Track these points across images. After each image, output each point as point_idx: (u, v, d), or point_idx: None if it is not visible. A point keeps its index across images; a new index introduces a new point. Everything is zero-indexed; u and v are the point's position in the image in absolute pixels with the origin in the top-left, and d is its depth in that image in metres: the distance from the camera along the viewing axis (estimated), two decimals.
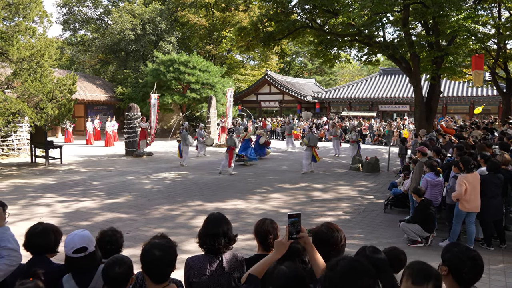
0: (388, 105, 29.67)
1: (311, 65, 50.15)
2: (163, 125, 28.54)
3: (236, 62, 38.11)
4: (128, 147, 16.88)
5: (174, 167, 14.03)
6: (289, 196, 9.47)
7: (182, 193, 9.69)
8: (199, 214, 7.65)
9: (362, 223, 7.33)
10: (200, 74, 25.17)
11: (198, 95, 25.15)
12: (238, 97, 34.72)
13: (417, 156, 7.88)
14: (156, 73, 24.80)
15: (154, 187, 10.34)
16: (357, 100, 30.27)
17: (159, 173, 12.51)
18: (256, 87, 34.95)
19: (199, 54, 30.16)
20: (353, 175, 12.70)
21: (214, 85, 26.00)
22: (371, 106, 30.20)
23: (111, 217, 7.48)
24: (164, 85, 25.37)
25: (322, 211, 8.11)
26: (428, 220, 6.19)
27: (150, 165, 14.48)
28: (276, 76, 35.62)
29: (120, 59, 30.49)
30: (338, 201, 9.02)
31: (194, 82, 25.02)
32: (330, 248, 2.28)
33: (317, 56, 15.56)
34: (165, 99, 24.28)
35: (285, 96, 34.09)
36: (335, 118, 28.29)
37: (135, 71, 29.45)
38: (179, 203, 8.59)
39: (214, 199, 9.00)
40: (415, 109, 13.85)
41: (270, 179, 11.74)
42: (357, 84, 32.05)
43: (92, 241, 2.41)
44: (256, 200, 9.05)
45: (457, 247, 2.09)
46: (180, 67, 24.65)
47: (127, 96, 26.63)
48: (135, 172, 12.72)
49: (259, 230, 2.71)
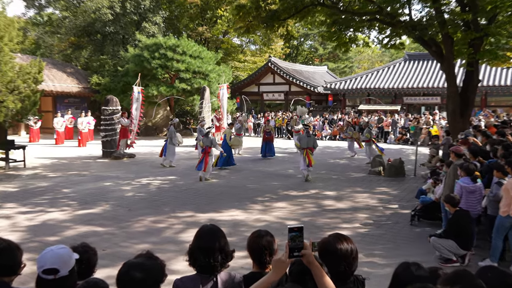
0: (415, 97, 29.64)
1: (323, 50, 50.20)
2: (148, 121, 28.56)
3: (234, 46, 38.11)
4: (106, 147, 16.88)
5: (160, 171, 14.00)
6: (296, 205, 9.44)
7: (169, 201, 9.67)
8: (190, 227, 7.63)
9: (383, 238, 7.29)
10: (191, 61, 25.19)
11: (188, 85, 25.16)
12: (236, 88, 34.73)
13: (450, 158, 7.84)
14: (139, 60, 24.81)
15: (136, 195, 10.32)
16: (377, 91, 30.25)
17: (143, 178, 12.50)
18: (257, 76, 34.97)
19: (190, 37, 30.19)
20: (372, 180, 12.67)
21: (207, 74, 26.01)
22: (395, 98, 30.18)
23: (85, 231, 7.45)
24: (149, 74, 25.37)
25: (336, 224, 8.08)
26: (464, 234, 6.15)
27: (131, 168, 14.48)
28: (281, 63, 35.62)
29: (95, 43, 30.51)
30: (355, 211, 8.99)
31: (184, 71, 25.03)
32: (338, 262, 2.26)
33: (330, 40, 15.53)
34: (149, 90, 24.29)
35: (291, 87, 34.09)
36: (351, 113, 28.28)
37: (113, 57, 29.47)
38: (166, 214, 8.57)
39: (208, 209, 8.98)
40: (447, 102, 13.80)
41: (274, 185, 11.72)
42: (378, 72, 32.02)
43: (67, 264, 2.34)
44: (257, 210, 9.03)
45: (492, 271, 2.04)
46: (167, 52, 24.66)
47: (104, 87, 26.66)
48: (114, 177, 12.71)
49: (253, 245, 2.70)
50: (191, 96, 26.23)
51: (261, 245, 2.65)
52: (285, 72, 33.59)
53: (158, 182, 12.08)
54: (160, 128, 28.51)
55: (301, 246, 2.13)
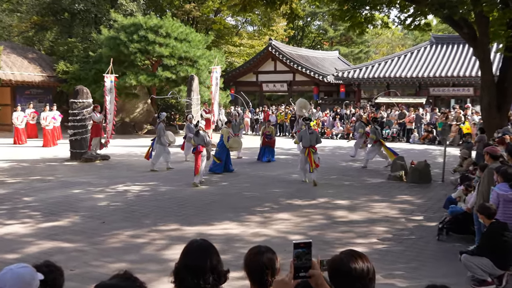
0: (443, 88, 29.72)
1: (333, 32, 50.24)
2: (125, 117, 28.55)
3: (228, 28, 38.11)
4: (75, 147, 16.87)
5: (140, 175, 13.99)
6: (301, 216, 9.45)
7: (151, 212, 9.66)
8: (175, 242, 7.63)
9: (406, 256, 7.30)
10: (177, 45, 25.17)
11: (173, 74, 25.15)
12: (230, 78, 34.74)
13: (485, 160, 7.86)
14: (114, 44, 24.78)
15: (111, 204, 10.31)
16: (398, 80, 30.30)
17: (119, 185, 12.48)
18: (255, 63, 34.98)
19: (175, 16, 30.18)
20: (393, 186, 12.68)
21: (196, 60, 25.99)
22: (419, 90, 30.23)
23: (49, 247, 7.44)
24: (126, 60, 25.33)
25: (349, 238, 8.09)
26: (501, 251, 6.17)
27: (105, 173, 14.44)
28: (284, 47, 35.63)
29: (62, 23, 30.47)
30: (372, 223, 9.00)
31: (168, 56, 25.01)
32: (352, 284, 2.27)
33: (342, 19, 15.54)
34: (127, 79, 24.28)
35: (296, 76, 34.10)
36: (367, 107, 28.34)
37: (84, 40, 29.44)
38: (147, 227, 8.57)
39: (196, 221, 8.97)
40: (481, 94, 13.84)
41: (275, 193, 11.71)
42: (399, 58, 32.07)
43: (29, 285, 2.34)
44: (255, 222, 9.03)
45: None
46: (148, 34, 24.63)
47: (73, 75, 26.63)
48: (85, 183, 12.69)
49: (251, 263, 2.70)
50: (176, 86, 26.20)
51: (261, 263, 2.65)
52: (288, 58, 33.61)
53: (137, 189, 12.05)
54: (140, 125, 28.50)
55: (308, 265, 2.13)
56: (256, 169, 15.38)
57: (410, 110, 26.15)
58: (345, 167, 16.07)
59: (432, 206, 10.48)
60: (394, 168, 13.90)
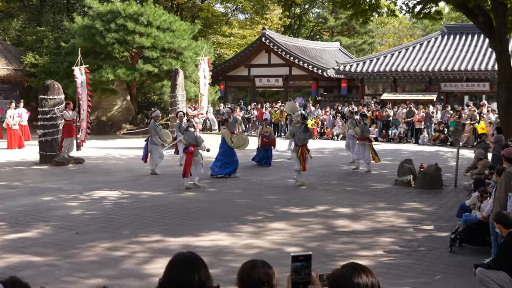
0: (456, 83, 29.87)
1: (334, 21, 50.46)
2: (101, 115, 28.45)
3: (216, 16, 38.12)
4: (45, 149, 16.80)
5: (118, 181, 13.95)
6: (298, 226, 9.46)
7: (130, 222, 9.64)
8: (158, 255, 7.62)
9: (414, 269, 7.32)
10: (159, 35, 25.16)
11: (156, 67, 25.13)
12: (219, 72, 34.73)
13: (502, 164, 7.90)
14: (89, 33, 24.72)
15: (86, 213, 10.27)
16: (406, 75, 30.43)
17: (95, 191, 12.44)
18: (247, 55, 35.01)
19: (158, 3, 30.14)
20: (400, 193, 12.73)
21: (181, 51, 25.98)
22: (429, 85, 30.37)
23: (16, 261, 7.40)
24: (102, 51, 25.28)
25: (351, 250, 8.11)
26: None
27: (79, 178, 14.40)
28: (279, 38, 35.70)
29: (30, 9, 30.34)
30: (377, 234, 9.03)
31: (149, 48, 24.99)
32: None
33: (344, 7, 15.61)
34: (103, 73, 24.22)
35: (293, 69, 34.18)
36: (371, 105, 28.43)
37: (55, 29, 29.32)
38: (126, 238, 8.55)
39: (182, 232, 8.96)
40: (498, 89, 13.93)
41: (269, 200, 11.73)
42: (407, 50, 32.22)
43: None
44: (247, 232, 9.03)
45: None
46: (127, 23, 24.61)
47: (43, 68, 26.54)
48: (56, 189, 12.64)
49: (245, 279, 2.69)
50: (159, 81, 26.20)
51: (257, 279, 2.65)
52: (284, 49, 33.68)
53: (115, 196, 12.00)
54: (118, 124, 28.44)
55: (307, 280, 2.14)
56: (248, 173, 15.38)
57: (419, 108, 26.25)
58: (346, 172, 16.11)
59: (444, 214, 10.52)
60: (402, 173, 13.95)
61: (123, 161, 18.15)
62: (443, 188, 13.29)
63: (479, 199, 9.11)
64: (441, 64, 29.66)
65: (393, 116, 26.46)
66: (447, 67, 29.31)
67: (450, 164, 16.99)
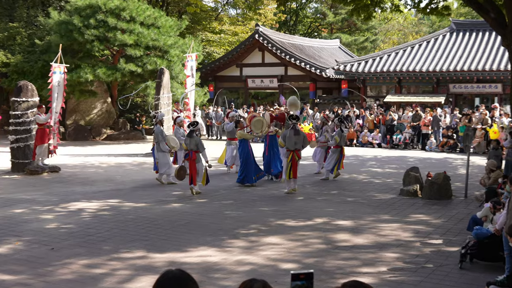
0: (466, 84, 29.97)
1: (333, 17, 50.71)
2: (79, 119, 28.39)
3: (205, 11, 38.19)
4: (17, 157, 16.74)
5: (97, 191, 13.91)
6: (295, 240, 9.45)
7: (111, 236, 9.60)
8: (141, 273, 7.59)
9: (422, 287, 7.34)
10: (143, 32, 25.16)
11: (139, 67, 25.12)
12: (209, 72, 34.77)
13: None
14: (66, 29, 24.68)
15: (62, 227, 10.22)
16: (412, 75, 30.54)
17: (72, 203, 12.38)
18: (239, 54, 35.05)
19: None
20: (405, 204, 12.75)
21: (166, 50, 25.99)
22: (437, 86, 30.49)
23: None
24: (81, 49, 25.24)
25: (353, 267, 8.11)
26: None
27: (55, 188, 14.34)
28: (274, 35, 35.77)
29: (2, 4, 30.21)
30: (380, 249, 9.03)
31: (132, 45, 24.98)
32: None
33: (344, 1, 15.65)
34: (82, 74, 24.17)
35: (288, 69, 34.25)
36: (374, 108, 28.49)
37: (28, 25, 29.24)
38: (106, 255, 8.51)
39: (167, 247, 8.94)
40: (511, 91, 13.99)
41: (263, 212, 11.71)
42: (412, 48, 32.36)
43: None
44: (239, 247, 9.02)
45: None
46: (108, 19, 24.59)
47: (15, 68, 26.45)
48: (29, 200, 12.58)
49: None
50: (143, 82, 26.16)
51: None
52: (279, 48, 33.75)
53: (94, 207, 11.95)
54: (98, 129, 28.39)
55: None
56: None
57: (426, 111, 26.32)
58: (347, 181, 16.13)
59: (453, 227, 10.53)
60: (407, 182, 13.96)
61: (103, 169, 18.10)
62: (453, 199, 13.30)
63: (491, 210, 9.12)
64: (450, 64, 29.78)
65: (398, 120, 26.53)
66: (456, 67, 29.41)
67: (460, 172, 17.04)
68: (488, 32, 30.31)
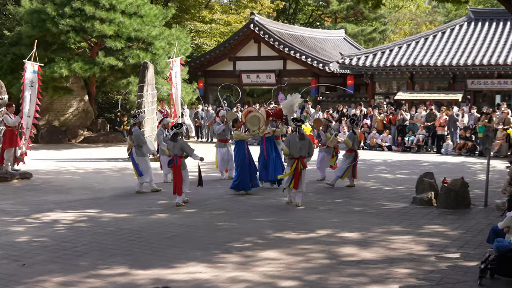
0: (486, 80, 30.02)
1: (338, 5, 50.79)
2: (53, 120, 28.35)
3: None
4: None
5: (73, 200, 13.88)
6: (295, 255, 9.44)
7: (89, 250, 9.58)
8: None
9: None
10: (124, 21, 25.14)
11: (120, 60, 25.10)
12: (198, 66, 34.76)
13: None
14: (39, 19, 24.66)
15: (34, 240, 10.20)
16: (425, 70, 30.58)
17: (45, 213, 12.37)
18: (232, 46, 35.06)
19: None
20: (419, 213, 12.75)
21: (151, 41, 25.98)
22: (453, 82, 30.55)
23: None
24: (55, 41, 25.20)
25: (360, 284, 8.10)
26: None
27: (26, 197, 14.32)
28: (271, 25, 35.79)
29: None
30: (391, 264, 9.03)
31: (112, 37, 24.96)
32: None
33: None
34: (56, 68, 24.13)
35: (287, 64, 34.27)
36: (383, 106, 28.51)
37: None
38: (84, 271, 8.49)
39: (152, 262, 8.92)
40: None
41: (259, 223, 11.71)
42: (426, 39, 32.43)
43: None
44: (232, 263, 9.00)
45: None
46: (85, 7, 24.58)
47: None
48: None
49: None
50: (124, 77, 26.14)
51: None
52: (277, 39, 33.76)
53: (70, 218, 11.92)
54: (74, 131, 28.34)
55: None
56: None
57: (441, 110, 26.33)
58: (354, 188, 16.15)
59: (472, 239, 10.53)
60: (421, 189, 13.96)
61: (79, 175, 18.08)
62: (471, 208, 13.31)
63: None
64: (468, 57, 29.82)
65: (410, 120, 26.56)
66: (474, 61, 29.44)
67: (479, 178, 17.07)
68: (510, 22, 30.40)
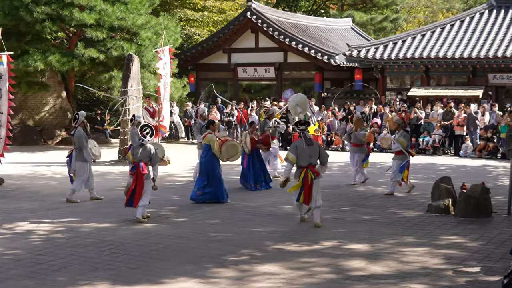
0: (509, 74, 29.96)
1: None
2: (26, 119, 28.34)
3: None
4: None
5: (50, 208, 13.88)
6: (297, 269, 9.45)
7: (68, 264, 9.57)
8: None
9: None
10: (107, 9, 25.12)
11: (102, 52, 25.09)
12: (188, 59, 34.73)
13: None
14: (11, 6, 24.64)
15: (6, 253, 10.21)
16: (442, 63, 30.58)
17: (18, 223, 12.38)
18: (227, 36, 35.03)
19: None
20: (434, 223, 12.76)
21: (136, 31, 25.98)
22: (473, 76, 30.55)
23: None
24: (29, 31, 25.19)
25: None
26: None
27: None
28: (270, 13, 35.77)
29: None
30: (404, 279, 9.05)
31: (93, 26, 24.94)
32: None
33: None
34: (30, 61, 24.12)
35: (288, 56, 34.26)
36: (396, 103, 28.52)
37: None
38: (61, 287, 8.50)
39: (137, 278, 8.92)
40: None
41: (257, 233, 11.73)
42: (442, 29, 32.42)
43: None
44: (227, 278, 9.00)
45: None
46: None
47: None
48: None
49: None
50: (106, 72, 26.15)
51: None
52: (276, 29, 33.74)
53: (46, 229, 11.92)
54: (50, 131, 28.34)
55: None
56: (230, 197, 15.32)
57: (460, 108, 26.35)
58: (362, 194, 16.19)
59: (494, 251, 10.53)
60: (437, 195, 13.95)
61: (56, 180, 18.09)
62: (493, 216, 13.31)
63: None
64: (489, 49, 29.80)
65: (425, 119, 26.58)
66: (496, 53, 29.43)
67: (502, 183, 17.08)
68: None
